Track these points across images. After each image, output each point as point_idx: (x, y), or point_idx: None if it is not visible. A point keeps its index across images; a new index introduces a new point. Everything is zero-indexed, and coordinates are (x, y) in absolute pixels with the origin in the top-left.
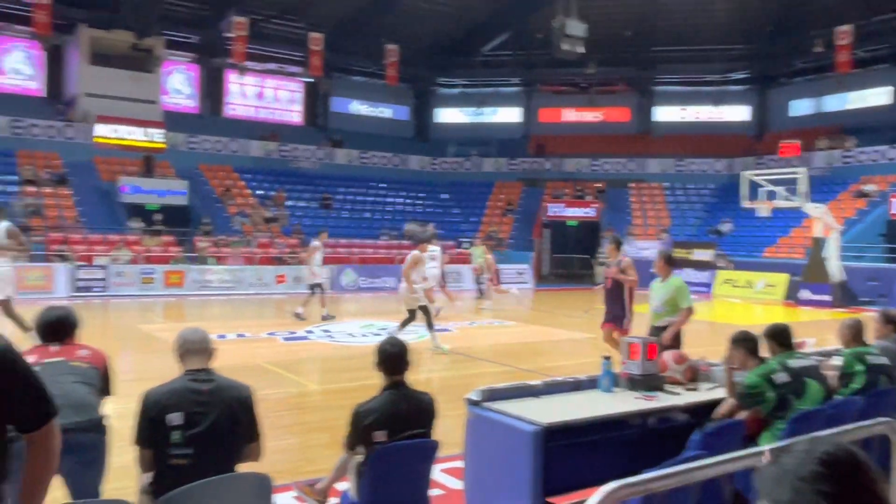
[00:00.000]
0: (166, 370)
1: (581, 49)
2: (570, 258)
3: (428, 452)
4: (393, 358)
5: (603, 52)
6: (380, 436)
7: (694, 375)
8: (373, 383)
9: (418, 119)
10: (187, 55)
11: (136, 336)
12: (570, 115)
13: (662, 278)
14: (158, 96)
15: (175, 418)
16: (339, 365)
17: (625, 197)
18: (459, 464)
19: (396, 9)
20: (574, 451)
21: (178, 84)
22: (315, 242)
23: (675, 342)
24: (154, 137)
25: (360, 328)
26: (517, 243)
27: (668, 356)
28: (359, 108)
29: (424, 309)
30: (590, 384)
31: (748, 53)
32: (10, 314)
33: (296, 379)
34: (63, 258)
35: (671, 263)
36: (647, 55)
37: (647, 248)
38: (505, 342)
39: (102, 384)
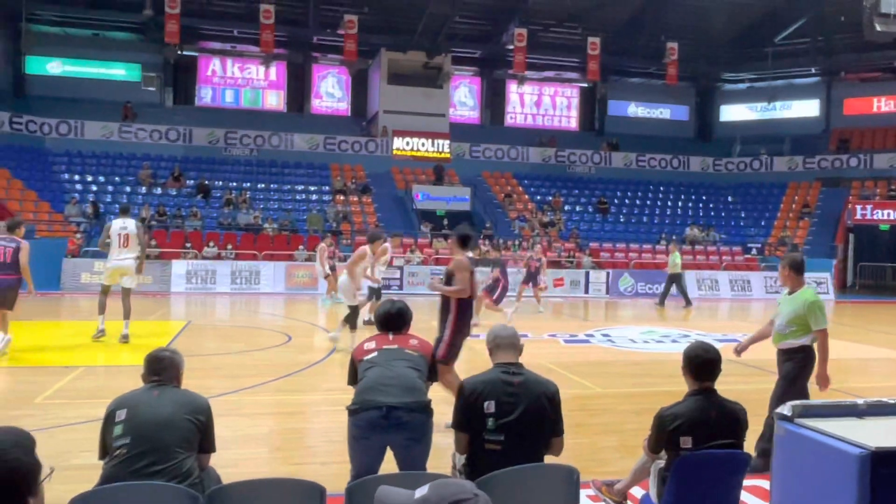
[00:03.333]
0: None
1: None
2: (881, 267)
3: (739, 465)
4: (706, 364)
5: None
6: (686, 442)
7: None
8: (659, 390)
9: (699, 118)
10: (470, 69)
11: (428, 331)
12: (883, 104)
13: (790, 290)
14: (447, 110)
15: (489, 406)
16: (622, 370)
17: None
18: (760, 482)
19: (677, 5)
20: None
21: (463, 97)
22: (385, 245)
23: (801, 374)
24: (442, 148)
25: (640, 334)
26: (814, 249)
27: None
28: (636, 109)
29: (354, 309)
30: None
31: None
32: (127, 303)
33: (579, 381)
34: None
35: (800, 271)
36: None
37: None
38: None
39: (429, 371)
